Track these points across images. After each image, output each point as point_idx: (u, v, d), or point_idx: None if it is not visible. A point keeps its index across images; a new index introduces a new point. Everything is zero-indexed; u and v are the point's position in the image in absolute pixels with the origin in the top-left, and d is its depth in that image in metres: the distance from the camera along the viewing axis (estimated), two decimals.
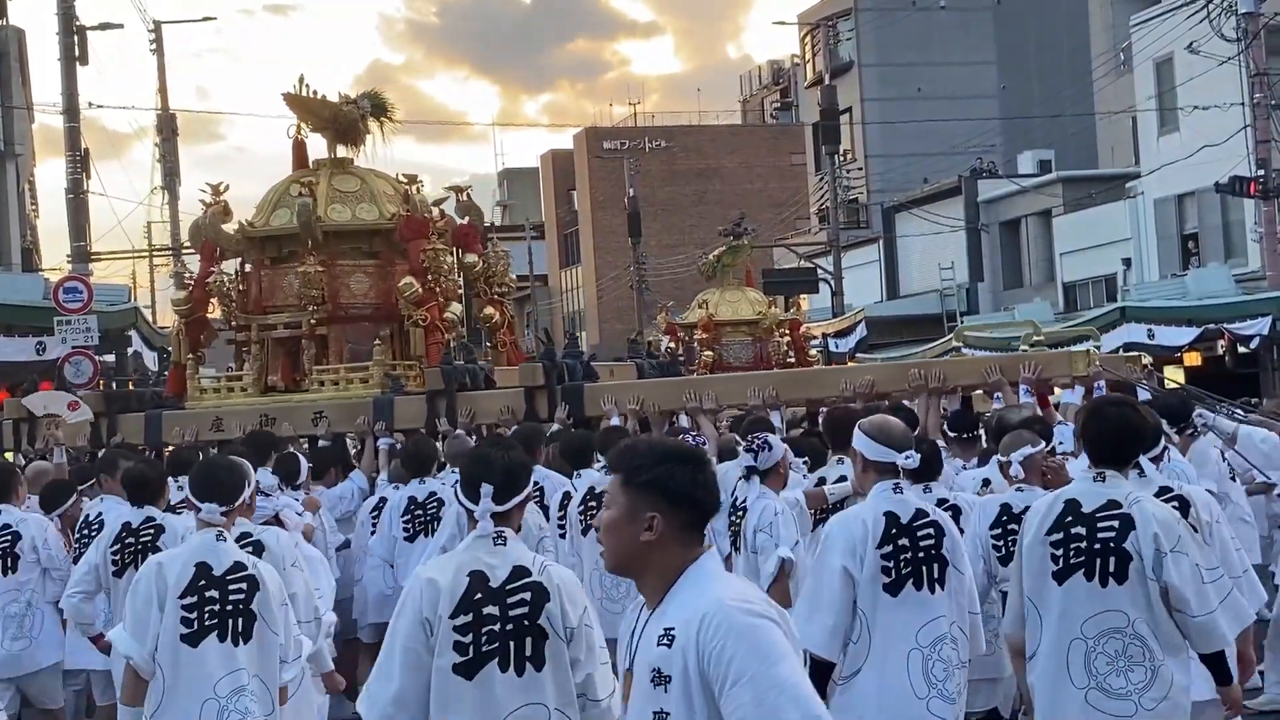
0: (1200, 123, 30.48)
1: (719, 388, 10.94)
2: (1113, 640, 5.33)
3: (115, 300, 24.57)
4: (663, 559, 3.60)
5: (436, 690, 4.68)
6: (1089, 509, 5.40)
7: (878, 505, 5.78)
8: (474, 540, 4.81)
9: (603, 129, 70.03)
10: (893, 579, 5.69)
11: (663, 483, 3.60)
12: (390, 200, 12.95)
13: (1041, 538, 5.44)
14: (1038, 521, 5.49)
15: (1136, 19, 34.77)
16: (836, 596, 5.64)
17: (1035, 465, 6.90)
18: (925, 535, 5.76)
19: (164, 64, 36.91)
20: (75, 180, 26.36)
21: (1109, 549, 5.33)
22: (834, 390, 10.22)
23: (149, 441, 12.33)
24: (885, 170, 47.78)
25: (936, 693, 5.69)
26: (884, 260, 45.42)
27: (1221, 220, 33.20)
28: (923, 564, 5.72)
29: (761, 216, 52.38)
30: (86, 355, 19.70)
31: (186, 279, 13.35)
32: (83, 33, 27.08)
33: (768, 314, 17.85)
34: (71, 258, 26.90)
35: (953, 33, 50.49)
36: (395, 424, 11.50)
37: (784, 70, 69.61)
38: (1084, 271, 37.78)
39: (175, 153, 37.59)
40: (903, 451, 5.79)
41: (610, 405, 10.90)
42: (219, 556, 5.89)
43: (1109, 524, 5.36)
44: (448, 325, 12.62)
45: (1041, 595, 5.42)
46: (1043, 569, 5.42)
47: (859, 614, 5.66)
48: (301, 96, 13.15)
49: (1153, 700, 5.31)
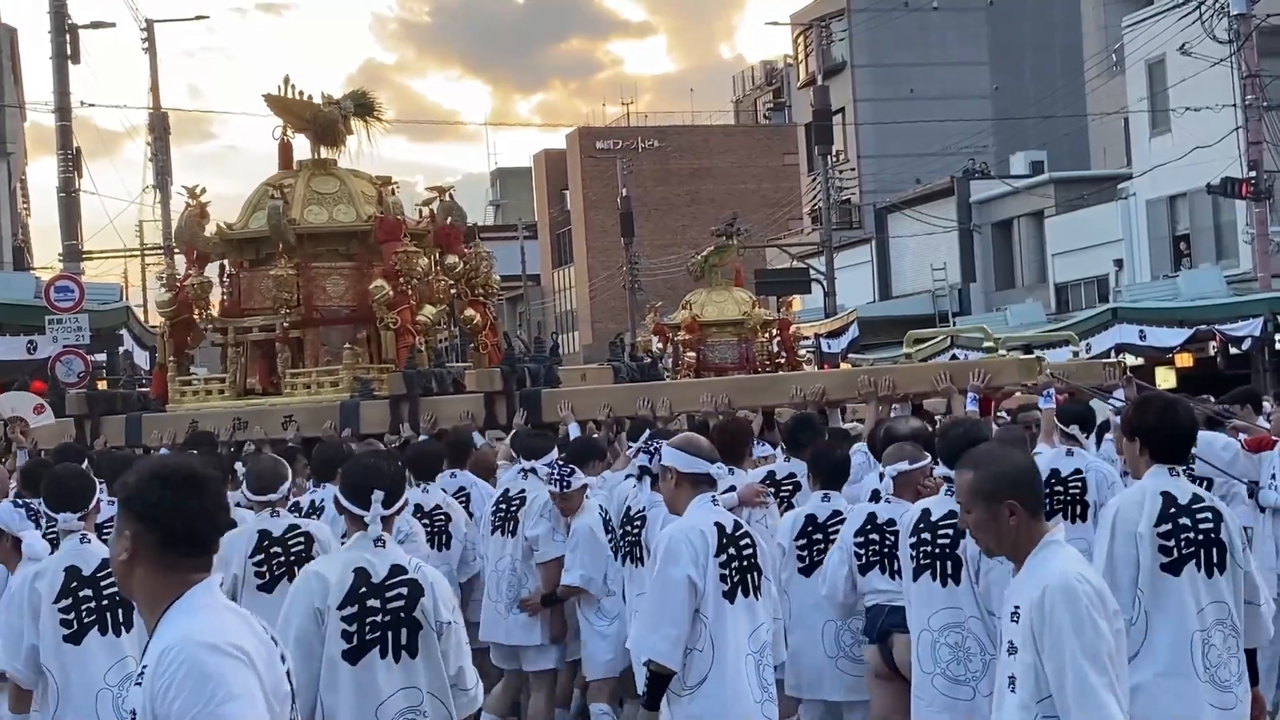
0: (1192, 124, 30.52)
1: (673, 394, 10.96)
2: (1220, 631, 5.34)
3: (107, 299, 24.56)
4: (144, 584, 3.43)
5: (325, 675, 5.17)
6: (1184, 501, 5.40)
7: (707, 516, 5.93)
8: (358, 540, 5.29)
9: (596, 129, 70.07)
10: (729, 587, 5.84)
11: (134, 503, 3.43)
12: (369, 202, 12.88)
13: (1149, 531, 5.34)
14: (1140, 515, 5.37)
15: (1129, 20, 34.80)
16: (682, 607, 5.76)
17: (910, 481, 6.90)
18: (746, 545, 5.95)
19: (156, 63, 36.87)
20: (67, 179, 26.32)
21: (1210, 540, 5.37)
22: (786, 397, 10.26)
23: (130, 444, 12.29)
24: (878, 171, 47.81)
25: (768, 695, 5.93)
26: (876, 261, 45.46)
27: (1213, 221, 33.25)
28: (748, 572, 5.92)
29: (754, 217, 52.41)
30: (78, 354, 19.69)
31: (172, 281, 13.33)
32: (74, 31, 27.03)
33: (752, 314, 17.76)
34: (63, 256, 26.86)
35: (946, 33, 50.53)
36: (361, 429, 11.41)
37: (777, 70, 69.67)
38: (1076, 272, 37.83)
39: (167, 151, 37.52)
40: (713, 463, 6.01)
41: (566, 411, 10.79)
42: (87, 560, 6.14)
43: (1204, 515, 5.40)
44: (420, 328, 12.55)
45: (1155, 589, 5.31)
46: (1154, 563, 5.33)
47: (702, 622, 5.78)
48: (282, 97, 13.10)
49: (1245, 691, 5.37)
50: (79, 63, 26.99)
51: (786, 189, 58.70)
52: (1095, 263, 36.64)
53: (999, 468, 4.48)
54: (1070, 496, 8.40)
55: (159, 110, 37.34)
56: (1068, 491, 8.40)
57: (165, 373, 13.13)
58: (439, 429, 11.10)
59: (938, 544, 6.27)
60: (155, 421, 12.41)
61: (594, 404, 11.00)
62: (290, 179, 13.05)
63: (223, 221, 13.13)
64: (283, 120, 13.27)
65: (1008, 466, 4.49)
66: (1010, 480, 4.44)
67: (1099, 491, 8.31)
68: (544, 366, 12.06)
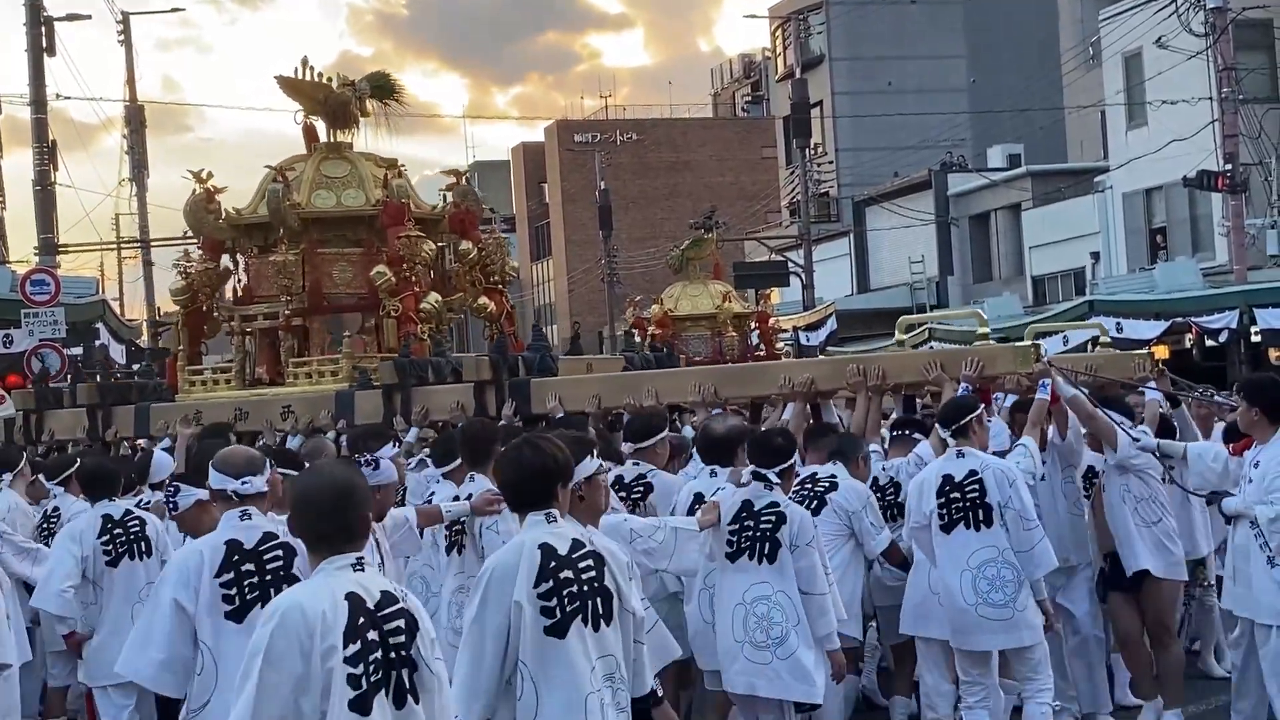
0: (1168, 117, 30.62)
1: (660, 384, 10.51)
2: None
3: (83, 293, 24.53)
4: None
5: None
6: None
7: (221, 534, 5.71)
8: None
9: (573, 122, 70.00)
10: (235, 606, 5.58)
11: None
12: (380, 186, 12.46)
13: None
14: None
15: (1105, 14, 34.88)
16: (169, 629, 5.55)
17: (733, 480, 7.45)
18: (273, 558, 5.70)
19: (131, 55, 36.77)
20: (42, 172, 26.22)
21: None
22: (774, 386, 9.91)
23: (138, 434, 12.06)
24: (856, 164, 47.88)
25: None
26: (854, 254, 45.52)
27: (1189, 214, 33.37)
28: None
29: (732, 210, 52.45)
30: (54, 348, 19.64)
31: (186, 268, 12.88)
32: (50, 24, 26.93)
33: (723, 308, 17.72)
34: (39, 250, 26.76)
35: (923, 27, 50.60)
36: (356, 419, 10.95)
37: (755, 63, 69.66)
38: (1053, 265, 37.94)
39: (143, 144, 37.44)
40: (240, 478, 5.76)
41: (554, 402, 10.46)
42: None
43: None
44: (424, 316, 12.18)
45: None
46: None
47: (201, 645, 5.54)
48: (293, 79, 12.68)
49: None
50: (54, 55, 26.91)
51: (765, 182, 58.73)
52: (1072, 255, 36.75)
53: None
54: (969, 502, 7.58)
55: (135, 103, 37.23)
56: (965, 497, 7.58)
57: (176, 362, 12.82)
58: (429, 419, 10.74)
59: (761, 528, 7.03)
60: (162, 411, 12.06)
61: (582, 394, 10.62)
62: (300, 162, 12.66)
63: (231, 207, 12.77)
64: (298, 103, 12.85)
65: None
66: None
67: (1000, 491, 7.53)
68: (539, 355, 11.53)
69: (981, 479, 7.59)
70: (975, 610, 7.50)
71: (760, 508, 7.06)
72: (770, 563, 6.99)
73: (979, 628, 7.55)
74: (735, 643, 7.04)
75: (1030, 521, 7.55)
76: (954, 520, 7.60)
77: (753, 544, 7.04)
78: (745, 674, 7.04)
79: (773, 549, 6.99)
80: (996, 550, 7.51)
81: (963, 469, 7.64)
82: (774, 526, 7.00)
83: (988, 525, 7.54)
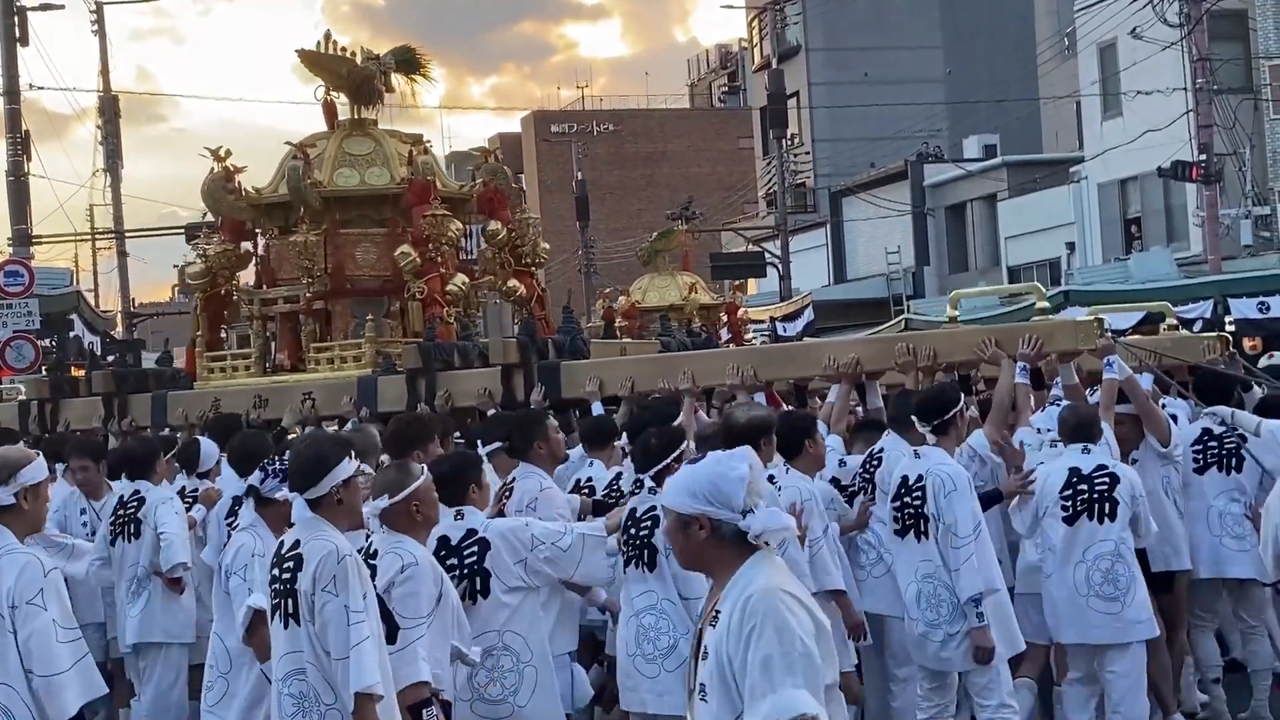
0: (1143, 108, 30.70)
1: (697, 365, 9.78)
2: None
3: (57, 284, 24.44)
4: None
5: None
6: None
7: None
8: None
9: (550, 112, 69.94)
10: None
11: None
12: (406, 164, 11.98)
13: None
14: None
15: (1080, 4, 34.92)
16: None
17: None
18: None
19: (106, 45, 36.56)
20: (16, 162, 26.11)
21: None
22: (818, 367, 9.23)
23: (155, 422, 11.64)
24: (832, 154, 47.88)
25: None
26: (831, 244, 45.56)
27: (1164, 204, 33.46)
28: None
29: (709, 200, 52.49)
30: (28, 339, 19.57)
31: (205, 250, 12.51)
32: (23, 14, 26.82)
33: (689, 299, 17.66)
34: (13, 241, 26.65)
35: (899, 17, 50.62)
36: (379, 405, 10.42)
37: (732, 54, 69.67)
38: (1028, 255, 38.02)
39: (118, 135, 37.20)
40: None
41: (592, 387, 9.90)
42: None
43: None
44: (450, 298, 11.71)
45: None
46: None
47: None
48: (316, 53, 12.21)
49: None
50: (28, 45, 26.81)
51: (741, 172, 58.74)
52: (1048, 246, 36.85)
53: None
54: (915, 510, 7.12)
55: (109, 93, 37.04)
56: (911, 504, 7.16)
57: (194, 348, 12.44)
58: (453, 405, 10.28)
59: (641, 535, 6.58)
60: (179, 399, 11.71)
61: (616, 377, 10.05)
62: (322, 140, 12.22)
63: (251, 186, 12.33)
64: (320, 78, 12.37)
65: None
66: None
67: (935, 501, 6.99)
68: (570, 337, 10.85)
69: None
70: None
71: (641, 513, 6.57)
72: (650, 570, 6.51)
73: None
74: (628, 656, 6.58)
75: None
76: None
77: (638, 552, 6.56)
78: (637, 690, 6.55)
79: (650, 555, 6.50)
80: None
81: (915, 471, 7.17)
82: (651, 532, 6.47)
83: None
